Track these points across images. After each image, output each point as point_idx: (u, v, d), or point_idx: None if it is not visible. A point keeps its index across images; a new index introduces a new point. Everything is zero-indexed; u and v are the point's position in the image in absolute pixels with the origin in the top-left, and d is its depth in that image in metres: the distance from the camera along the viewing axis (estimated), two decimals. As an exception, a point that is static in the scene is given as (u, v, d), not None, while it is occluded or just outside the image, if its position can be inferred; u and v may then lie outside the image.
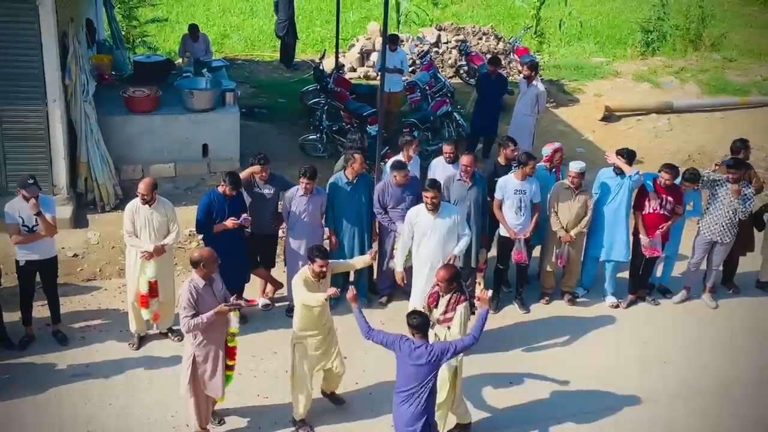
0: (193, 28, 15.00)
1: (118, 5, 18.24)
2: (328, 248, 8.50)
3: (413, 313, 6.96)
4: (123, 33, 17.41)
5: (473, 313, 8.04)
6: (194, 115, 12.11)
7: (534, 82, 13.07)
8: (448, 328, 7.37)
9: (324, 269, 7.47)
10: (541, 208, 9.80)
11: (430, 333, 7.22)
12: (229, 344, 7.50)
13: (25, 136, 10.64)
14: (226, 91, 12.53)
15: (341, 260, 8.65)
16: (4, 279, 8.94)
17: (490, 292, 7.32)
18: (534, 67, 13.38)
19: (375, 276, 10.18)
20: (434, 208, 8.57)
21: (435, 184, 8.62)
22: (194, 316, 7.10)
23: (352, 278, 9.97)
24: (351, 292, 7.24)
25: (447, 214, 8.67)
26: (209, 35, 16.34)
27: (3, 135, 10.56)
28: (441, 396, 7.45)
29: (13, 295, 8.93)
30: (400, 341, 6.77)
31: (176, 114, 12.10)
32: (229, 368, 7.58)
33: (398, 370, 6.87)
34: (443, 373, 7.35)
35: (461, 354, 7.18)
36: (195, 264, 7.24)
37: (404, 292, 10.09)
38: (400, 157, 9.90)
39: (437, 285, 7.45)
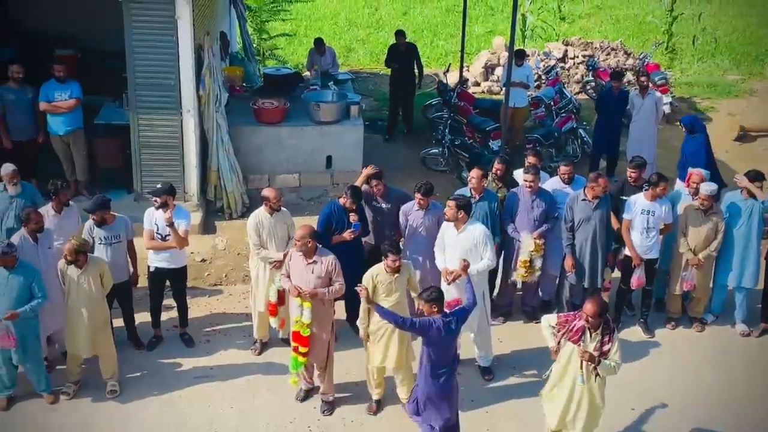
0: (319, 42, 15.28)
1: (250, 19, 18.83)
2: None
3: (429, 289, 7.22)
4: (254, 46, 17.94)
5: None
6: (320, 127, 12.33)
7: (650, 90, 12.83)
8: (606, 358, 7.04)
9: (397, 264, 7.73)
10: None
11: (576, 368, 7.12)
12: (301, 332, 7.83)
13: (161, 144, 11.09)
14: (351, 104, 12.70)
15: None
16: (138, 282, 9.29)
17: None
18: (646, 74, 13.19)
19: (495, 293, 10.06)
20: (454, 220, 8.45)
21: (456, 199, 8.48)
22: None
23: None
24: (363, 290, 7.59)
25: (471, 231, 8.42)
26: (335, 48, 16.62)
27: (140, 143, 11.04)
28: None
29: (145, 296, 9.30)
30: (433, 322, 7.01)
31: (303, 125, 12.34)
32: (301, 354, 7.92)
33: (431, 353, 7.11)
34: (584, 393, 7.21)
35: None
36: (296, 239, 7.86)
37: (522, 311, 9.98)
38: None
39: (585, 320, 7.00)
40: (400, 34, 14.79)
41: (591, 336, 7.03)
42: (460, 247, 8.43)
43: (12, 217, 8.87)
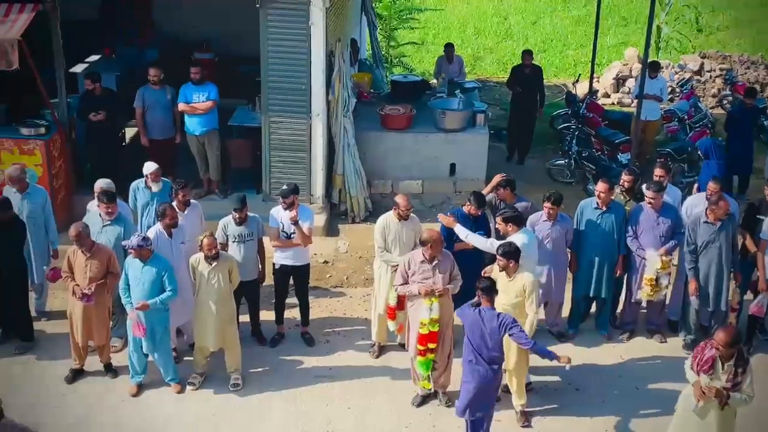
0: (449, 47, 15.29)
1: (380, 26, 19.07)
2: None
3: (481, 278, 7.45)
4: (382, 53, 18.16)
5: None
6: (445, 134, 12.34)
7: None
8: (738, 390, 6.73)
9: (501, 263, 7.83)
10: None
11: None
12: (431, 329, 7.90)
13: (289, 147, 11.37)
14: (477, 113, 12.67)
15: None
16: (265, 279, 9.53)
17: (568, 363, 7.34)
18: None
19: (620, 309, 9.81)
20: (506, 234, 8.38)
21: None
22: (403, 284, 8.14)
23: (593, 309, 9.74)
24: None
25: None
26: (463, 57, 16.61)
27: (270, 145, 11.35)
28: None
29: (269, 293, 9.55)
30: (467, 307, 7.35)
31: (428, 133, 12.39)
32: (430, 351, 7.98)
33: (467, 339, 7.33)
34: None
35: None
36: (423, 243, 7.99)
37: (647, 330, 9.69)
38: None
39: (716, 349, 6.72)
40: (527, 54, 14.10)
41: (723, 367, 6.73)
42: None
43: (153, 213, 9.27)
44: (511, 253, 7.80)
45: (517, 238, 8.27)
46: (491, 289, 7.34)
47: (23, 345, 9.11)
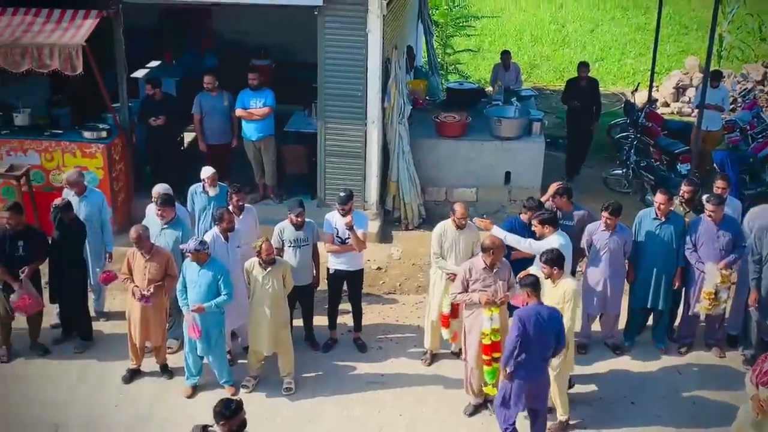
0: (505, 55, 15.18)
1: (436, 33, 19.07)
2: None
3: (527, 275, 7.48)
4: (438, 60, 18.15)
5: None
6: (500, 142, 12.27)
7: None
8: None
9: (545, 271, 7.85)
10: None
11: None
12: (493, 338, 7.87)
13: (345, 153, 11.43)
14: (533, 121, 12.57)
15: None
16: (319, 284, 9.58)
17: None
18: None
19: (677, 322, 9.63)
20: (542, 237, 8.42)
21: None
22: (462, 293, 8.10)
23: (650, 322, 9.59)
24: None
25: (550, 242, 8.21)
26: (519, 64, 16.51)
27: (326, 151, 11.43)
28: None
29: (322, 299, 9.59)
30: (519, 311, 7.26)
31: (483, 140, 12.32)
32: (494, 360, 7.90)
33: (524, 337, 7.15)
34: None
35: None
36: (485, 249, 7.95)
37: (705, 344, 9.50)
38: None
39: None
40: (583, 66, 13.80)
41: None
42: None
43: (210, 217, 9.39)
44: (555, 260, 7.82)
45: (553, 239, 8.29)
46: (537, 285, 7.36)
47: (83, 344, 9.31)
